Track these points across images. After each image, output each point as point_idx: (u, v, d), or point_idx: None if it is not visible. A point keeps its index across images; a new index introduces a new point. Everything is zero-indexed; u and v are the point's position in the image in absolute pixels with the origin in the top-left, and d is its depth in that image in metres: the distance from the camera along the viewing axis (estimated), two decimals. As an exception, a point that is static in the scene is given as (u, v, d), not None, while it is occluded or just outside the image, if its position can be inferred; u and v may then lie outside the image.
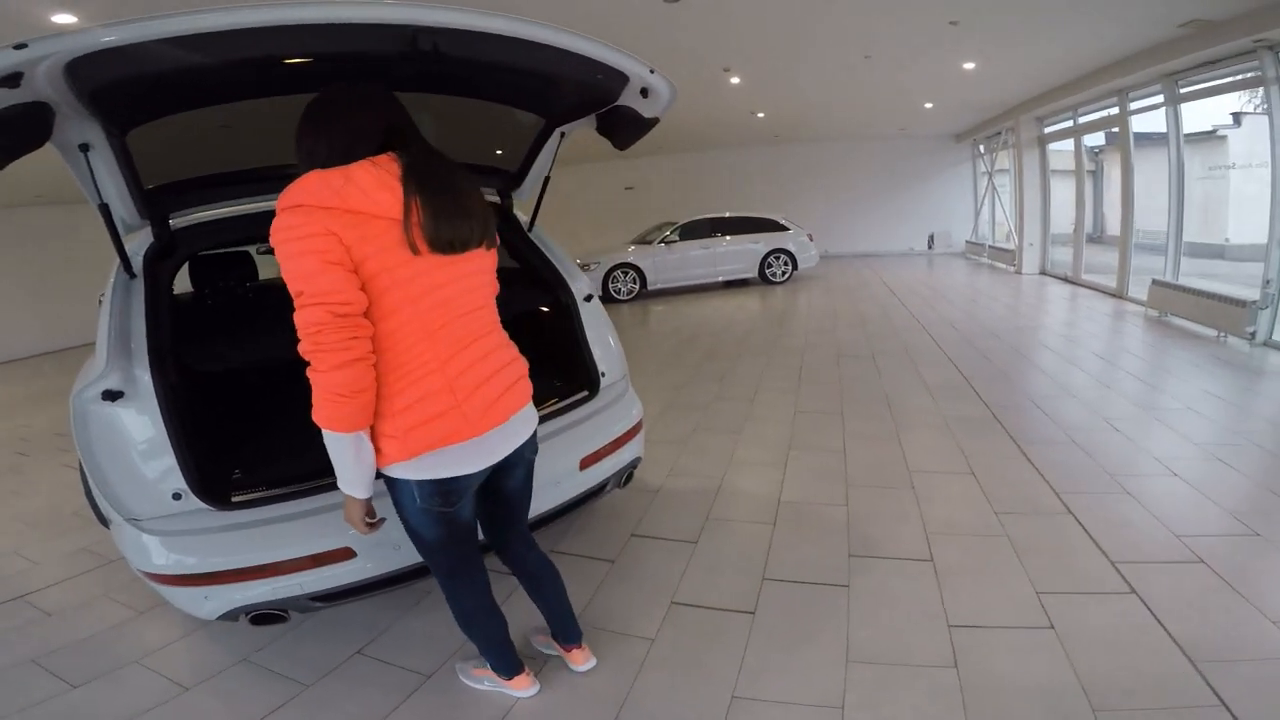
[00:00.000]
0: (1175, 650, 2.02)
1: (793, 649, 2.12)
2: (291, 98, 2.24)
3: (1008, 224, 13.35)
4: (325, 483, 2.05)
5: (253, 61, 1.73)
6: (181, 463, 1.93)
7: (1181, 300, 7.00)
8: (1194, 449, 3.65)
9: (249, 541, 1.94)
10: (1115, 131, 9.27)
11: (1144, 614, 2.22)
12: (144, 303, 2.10)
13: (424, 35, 1.72)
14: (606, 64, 2.05)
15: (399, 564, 2.05)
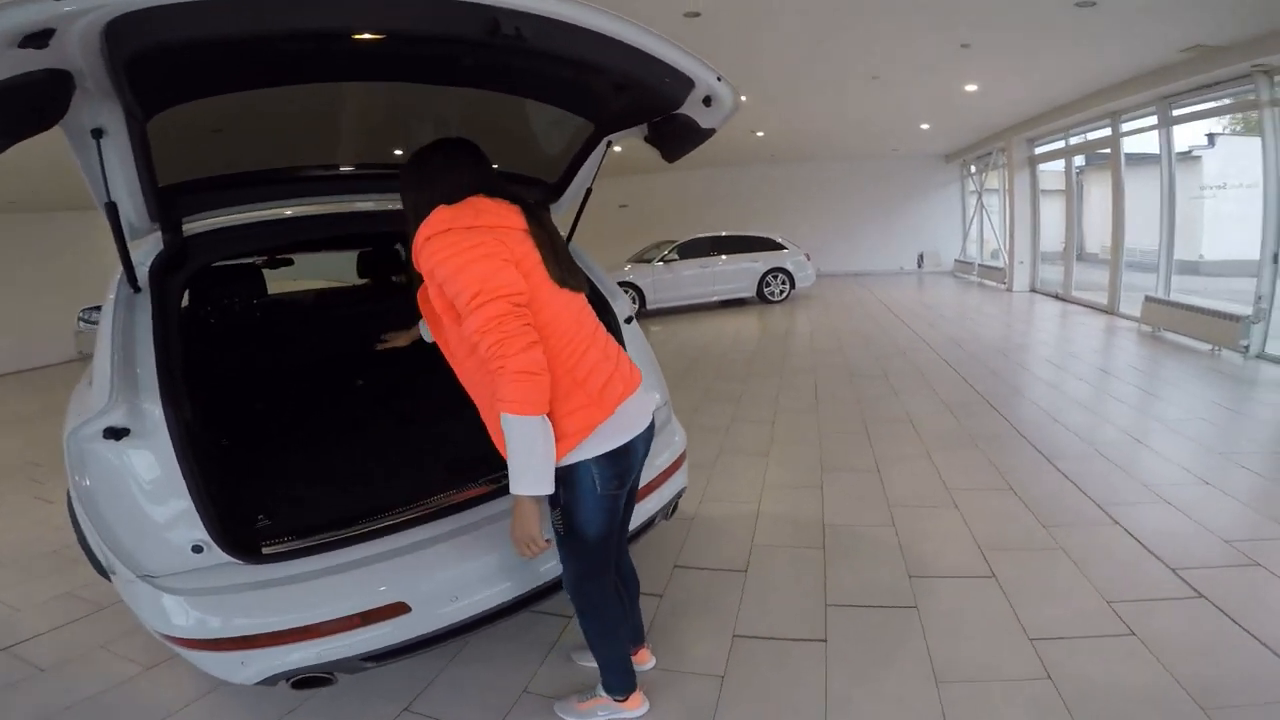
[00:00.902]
0: (1262, 648, 2.05)
1: (876, 675, 2.09)
2: (332, 92, 2.14)
3: (996, 242, 13.56)
4: (368, 529, 1.91)
5: (317, 34, 1.49)
6: (202, 511, 1.69)
7: (1175, 316, 7.15)
8: (1216, 456, 3.77)
9: (290, 599, 1.72)
10: (1097, 153, 9.48)
11: (1215, 614, 2.26)
12: (151, 322, 1.83)
13: (507, 19, 1.52)
14: (677, 67, 1.89)
15: (456, 618, 1.86)
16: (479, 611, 1.90)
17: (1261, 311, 6.15)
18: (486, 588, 1.92)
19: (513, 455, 1.50)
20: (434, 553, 1.90)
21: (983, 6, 5.19)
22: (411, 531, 1.95)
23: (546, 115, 2.43)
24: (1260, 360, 6.04)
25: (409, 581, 1.82)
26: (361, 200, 2.65)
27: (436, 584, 1.85)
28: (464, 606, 1.86)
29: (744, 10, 5.33)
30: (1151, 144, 8.21)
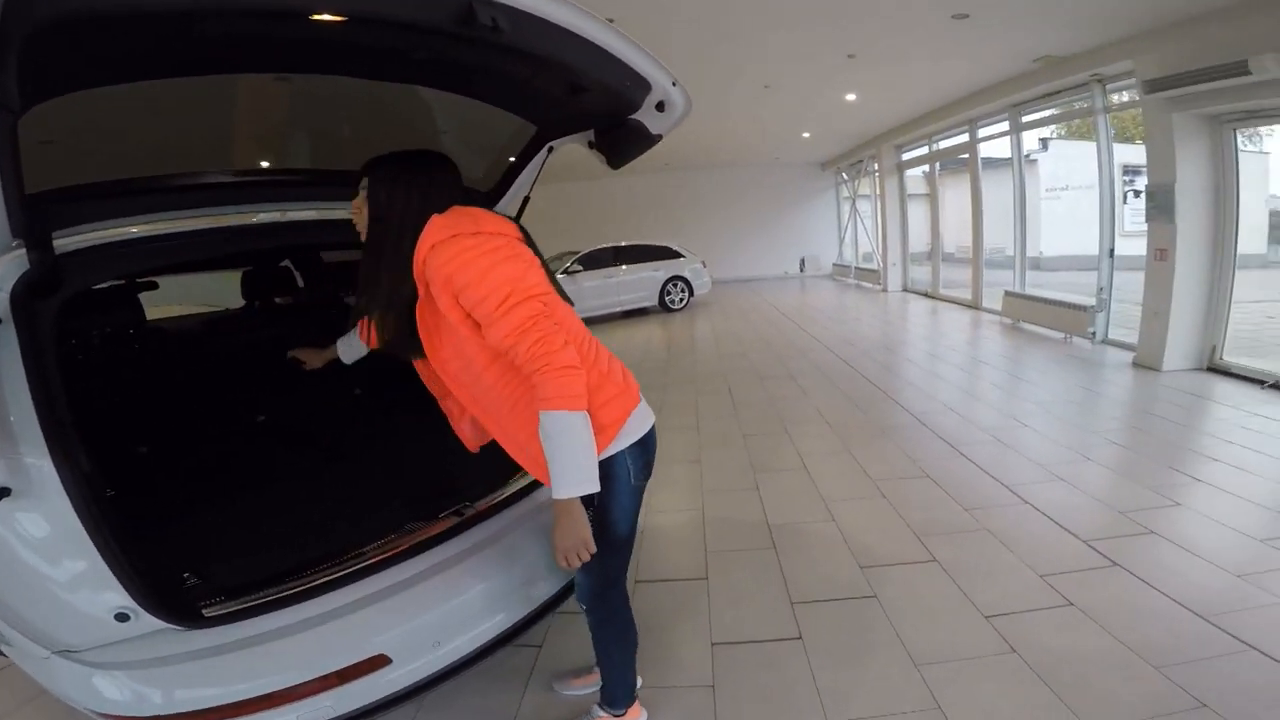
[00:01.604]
0: (1180, 609, 2.32)
1: (859, 665, 2.18)
2: (237, 88, 1.87)
3: (870, 246, 14.43)
4: (329, 577, 1.72)
5: (262, 10, 1.27)
6: (118, 574, 1.43)
7: (1032, 308, 7.93)
8: (1089, 434, 4.26)
9: (251, 663, 1.52)
10: (956, 159, 10.27)
11: (1134, 580, 2.53)
12: (21, 359, 1.50)
13: (483, 7, 1.36)
14: (638, 70, 1.78)
15: (439, 665, 1.73)
16: (465, 654, 1.78)
17: (1103, 301, 6.94)
18: (471, 628, 1.80)
19: (558, 457, 1.41)
20: (410, 596, 1.74)
21: (871, 17, 5.48)
22: (384, 574, 1.78)
23: (482, 119, 2.21)
24: (1105, 345, 6.84)
25: (386, 630, 1.67)
26: (267, 210, 2.32)
27: (416, 630, 1.71)
28: (449, 651, 1.74)
29: (642, 18, 5.36)
30: (998, 149, 9.00)
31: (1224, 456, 3.73)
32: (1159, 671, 2.00)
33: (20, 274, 1.60)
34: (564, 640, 2.41)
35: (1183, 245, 5.67)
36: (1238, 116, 5.39)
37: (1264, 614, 2.25)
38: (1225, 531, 2.86)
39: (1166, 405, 4.80)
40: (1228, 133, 5.53)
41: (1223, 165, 5.60)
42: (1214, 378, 5.48)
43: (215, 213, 2.15)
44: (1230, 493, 3.24)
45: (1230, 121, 5.47)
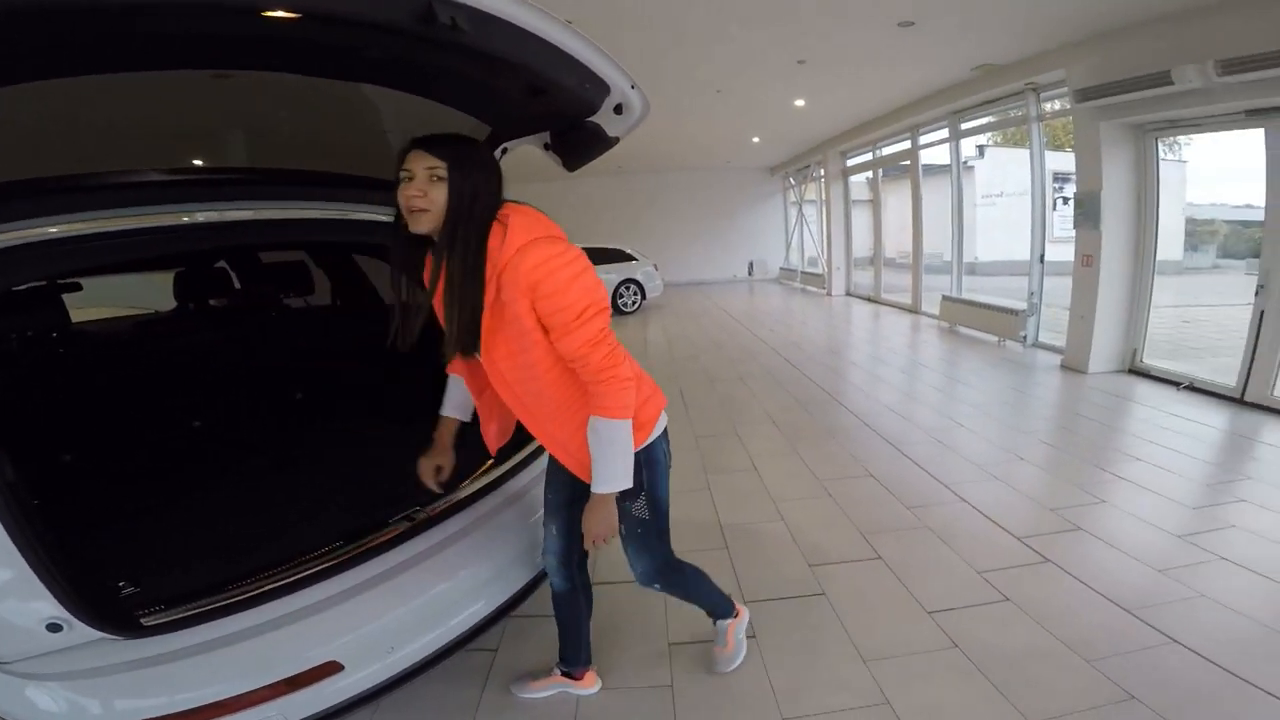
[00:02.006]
0: (1108, 604, 2.44)
1: (810, 663, 2.23)
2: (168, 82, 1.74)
3: (815, 250, 14.70)
4: (275, 585, 1.67)
5: (215, 6, 1.21)
6: (49, 584, 1.37)
7: (967, 312, 8.22)
8: (1021, 434, 4.46)
9: (196, 672, 1.48)
10: (899, 165, 10.53)
11: (1064, 576, 2.65)
12: None
13: (443, 7, 1.32)
14: (598, 72, 1.76)
15: (393, 671, 1.72)
16: (419, 659, 1.77)
17: (1034, 306, 7.23)
18: (425, 632, 1.79)
19: (607, 458, 1.52)
20: (362, 601, 1.71)
21: (820, 23, 5.57)
22: (333, 580, 1.74)
23: (431, 118, 2.05)
24: (1036, 348, 7.14)
25: (338, 636, 1.64)
26: (203, 210, 2.18)
27: (368, 635, 1.69)
28: (402, 656, 1.72)
29: (596, 23, 5.36)
30: (938, 156, 9.27)
31: (1145, 455, 3.94)
32: (1090, 665, 2.11)
33: None
34: (520, 643, 2.39)
35: (1107, 251, 5.93)
36: (1160, 126, 5.65)
37: (1183, 608, 2.39)
38: (1147, 528, 3.03)
39: (1092, 406, 5.04)
40: (1150, 141, 5.81)
41: (1145, 173, 5.87)
42: (1135, 379, 5.79)
43: (147, 212, 2.03)
44: (1151, 490, 3.43)
45: (1153, 130, 5.74)
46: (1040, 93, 7.00)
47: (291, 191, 2.37)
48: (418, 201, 1.40)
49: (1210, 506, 3.22)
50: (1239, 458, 4.00)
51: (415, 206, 1.40)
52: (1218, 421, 4.59)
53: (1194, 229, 14.91)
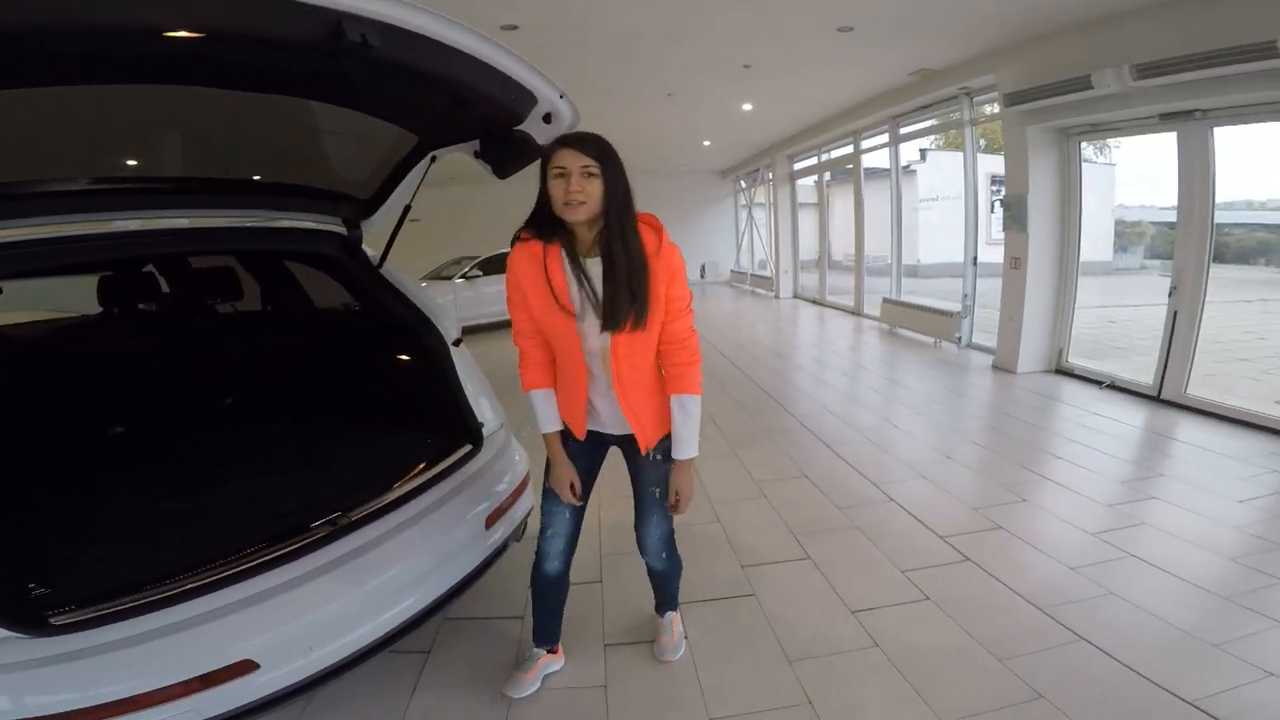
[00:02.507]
0: (1022, 602, 2.53)
1: (738, 662, 2.27)
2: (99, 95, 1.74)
3: (765, 253, 14.89)
4: (191, 585, 1.69)
5: (123, 28, 1.24)
6: None
7: (906, 314, 8.44)
8: (952, 434, 4.62)
9: (106, 669, 1.50)
10: (845, 169, 10.74)
11: (982, 575, 2.74)
12: None
13: (352, 24, 1.36)
14: (523, 83, 1.82)
15: (313, 669, 1.73)
16: (338, 660, 1.78)
17: (967, 308, 7.46)
18: (345, 633, 1.80)
19: (691, 429, 1.84)
20: (279, 603, 1.72)
21: (764, 29, 5.65)
22: (249, 583, 1.74)
23: (360, 126, 2.17)
24: (970, 349, 7.36)
25: (254, 636, 1.65)
26: (134, 218, 2.18)
27: (286, 636, 1.70)
28: (321, 656, 1.73)
29: (556, 28, 5.41)
30: (882, 160, 9.46)
31: (1066, 454, 4.12)
32: (1002, 664, 2.18)
33: None
34: (453, 644, 2.40)
35: (1033, 254, 6.13)
36: (1083, 129, 5.87)
37: (1092, 605, 2.49)
38: (1063, 526, 3.16)
39: (1019, 406, 5.24)
40: (1074, 145, 6.03)
41: (1069, 176, 6.08)
42: (1061, 379, 6.03)
43: (81, 218, 2.02)
44: (1070, 488, 3.58)
45: (1077, 134, 5.96)
46: (974, 97, 7.18)
47: (222, 200, 2.37)
48: (578, 195, 1.60)
49: (1124, 504, 3.37)
50: (1153, 455, 4.22)
51: (576, 199, 1.60)
52: (1135, 420, 4.81)
53: (1123, 230, 15.52)
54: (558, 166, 1.62)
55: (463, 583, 2.15)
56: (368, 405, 2.97)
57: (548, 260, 1.70)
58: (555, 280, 1.70)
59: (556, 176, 1.62)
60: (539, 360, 1.87)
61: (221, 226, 2.36)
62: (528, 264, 1.73)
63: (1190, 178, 4.95)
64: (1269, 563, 2.72)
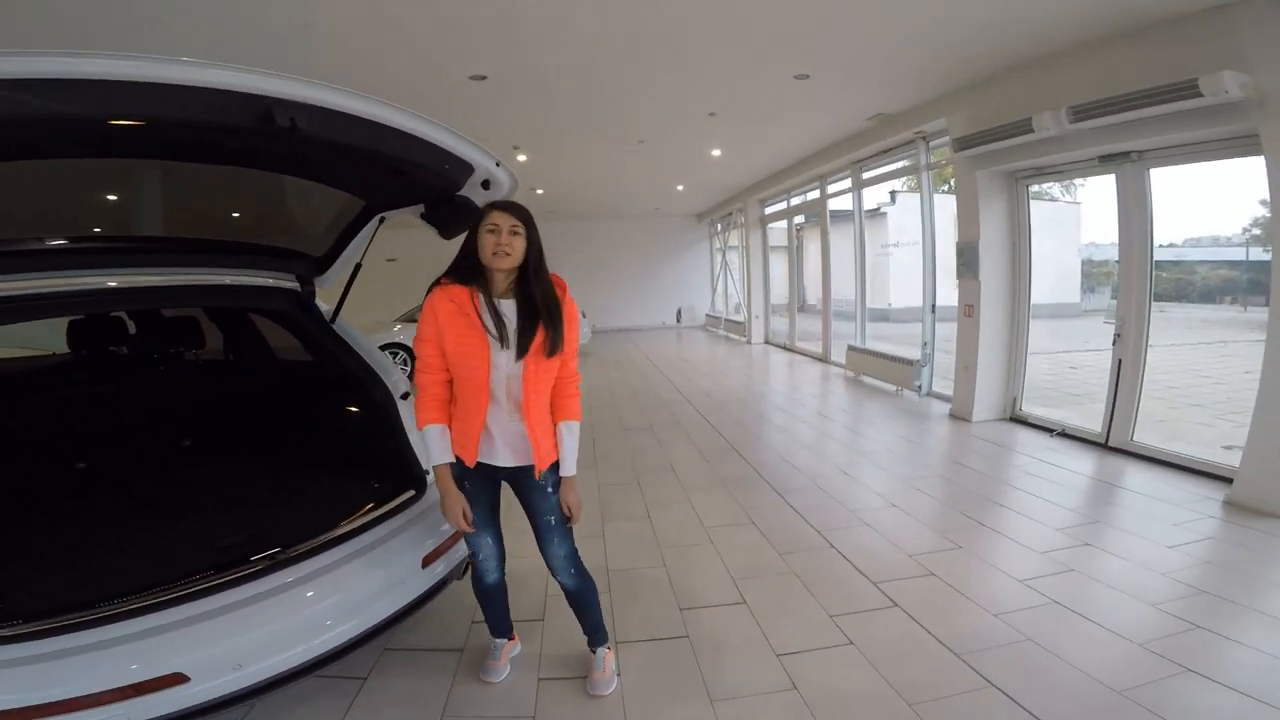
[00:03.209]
0: (941, 648, 2.65)
1: (663, 700, 2.37)
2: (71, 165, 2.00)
3: (738, 297, 15.18)
4: (136, 606, 1.87)
5: (88, 119, 1.46)
6: None
7: (869, 362, 8.65)
8: (900, 482, 4.75)
9: (48, 675, 1.68)
10: (815, 213, 11.03)
11: (907, 620, 2.87)
12: None
13: (281, 109, 1.58)
14: (457, 154, 2.07)
15: (238, 685, 1.89)
16: (264, 678, 1.93)
17: (927, 356, 7.66)
18: (272, 654, 1.96)
19: (574, 450, 2.16)
20: (213, 625, 1.91)
21: (726, 77, 5.92)
22: (186, 606, 1.93)
23: (311, 191, 2.40)
24: (930, 397, 7.56)
25: (186, 653, 1.82)
26: (106, 275, 2.41)
27: (217, 654, 1.87)
28: (248, 674, 1.88)
29: (525, 76, 5.70)
30: (850, 204, 9.65)
31: (1008, 502, 4.29)
32: (911, 708, 2.29)
33: None
34: (389, 672, 2.55)
35: (986, 301, 6.29)
36: (1029, 173, 6.05)
37: (1009, 651, 2.60)
38: (994, 573, 3.31)
39: (970, 454, 5.42)
40: (1022, 189, 6.21)
41: (1018, 221, 6.25)
42: (1015, 427, 6.22)
43: (58, 276, 2.25)
44: (1006, 535, 3.75)
45: (1024, 178, 6.14)
46: (929, 141, 7.40)
47: (187, 258, 2.59)
48: (505, 248, 1.94)
49: (1056, 550, 3.51)
50: (1093, 502, 4.37)
51: (504, 251, 1.94)
52: (1081, 467, 4.99)
53: (1091, 270, 15.75)
54: (491, 224, 1.96)
55: (395, 615, 2.30)
56: (319, 451, 3.11)
57: (470, 300, 1.99)
58: (474, 316, 1.99)
59: (488, 232, 1.96)
60: (438, 396, 2.09)
61: (184, 284, 2.57)
62: (446, 304, 2.01)
63: (1129, 220, 5.08)
64: (1189, 609, 2.85)
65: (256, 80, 1.54)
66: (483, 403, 2.04)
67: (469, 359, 2.00)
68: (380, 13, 4.19)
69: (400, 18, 4.29)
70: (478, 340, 1.99)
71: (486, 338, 1.98)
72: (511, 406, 2.06)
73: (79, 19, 3.96)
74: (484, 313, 1.99)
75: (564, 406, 2.16)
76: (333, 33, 4.48)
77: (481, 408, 2.04)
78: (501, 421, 2.08)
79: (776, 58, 5.44)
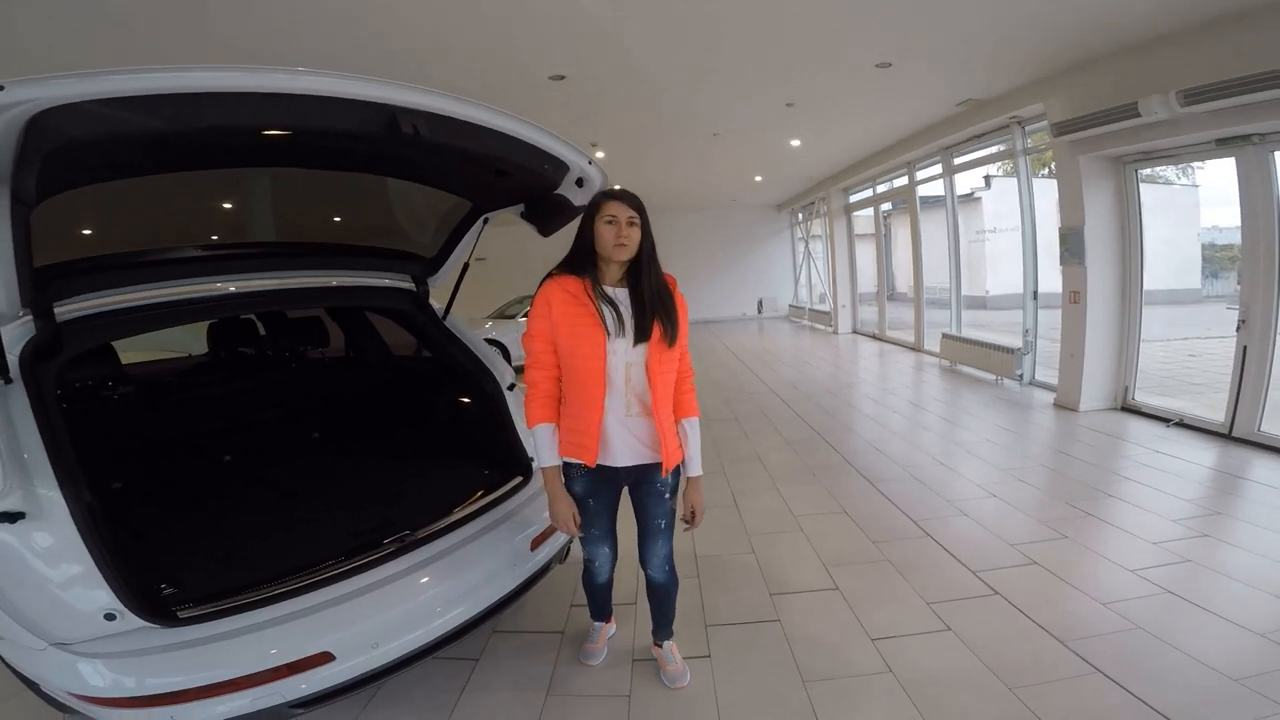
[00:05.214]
0: (1044, 634, 2.63)
1: (755, 681, 2.46)
2: (215, 177, 2.28)
3: (822, 287, 14.97)
4: (286, 588, 2.05)
5: (229, 129, 1.60)
6: (111, 582, 1.75)
7: (966, 350, 8.38)
8: (1000, 472, 4.62)
9: (215, 656, 1.84)
10: (902, 200, 10.79)
11: (1008, 608, 2.85)
12: (31, 411, 1.84)
13: (405, 117, 1.72)
14: (555, 154, 2.15)
15: (378, 663, 2.05)
16: (397, 656, 2.10)
17: (1029, 344, 7.39)
18: (405, 633, 2.12)
19: (697, 448, 2.18)
20: (353, 606, 2.07)
21: (803, 68, 5.93)
22: (329, 589, 2.10)
23: (423, 196, 2.62)
24: (1032, 387, 7.31)
25: (331, 633, 1.99)
26: (238, 280, 2.69)
27: (358, 634, 2.02)
28: (384, 652, 2.05)
29: (602, 75, 5.89)
30: (941, 190, 9.43)
31: (1117, 492, 4.13)
32: (1011, 692, 2.30)
33: (28, 339, 1.99)
34: (499, 654, 2.72)
35: (1093, 287, 6.08)
36: (1136, 157, 5.80)
37: (1116, 640, 2.56)
38: (1101, 562, 3.22)
39: (1076, 444, 5.22)
40: (1131, 173, 5.95)
41: (1127, 206, 6.01)
42: (1126, 417, 5.96)
43: (194, 283, 2.53)
44: (1115, 525, 3.63)
45: (1132, 163, 5.89)
46: (1025, 126, 7.19)
47: (313, 262, 2.88)
48: (624, 240, 1.99)
49: (1171, 541, 3.39)
50: (1213, 493, 4.15)
51: (624, 243, 1.99)
52: (1200, 458, 4.74)
53: (1213, 255, 14.57)
54: (608, 214, 2.00)
55: (508, 597, 2.45)
56: (433, 440, 3.38)
57: (584, 289, 2.02)
58: (589, 304, 2.01)
59: (606, 223, 2.00)
60: (549, 393, 2.09)
61: (310, 286, 2.86)
62: (560, 293, 2.03)
63: (1253, 205, 4.86)
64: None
65: (381, 90, 1.69)
66: (599, 394, 2.00)
67: (584, 345, 1.98)
68: (476, 13, 4.46)
69: (491, 19, 4.58)
70: (593, 327, 1.97)
71: (601, 324, 1.97)
72: (633, 399, 2.04)
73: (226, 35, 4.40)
74: (598, 300, 2.00)
75: (684, 402, 2.15)
76: (437, 40, 4.88)
77: (599, 400, 2.01)
78: (620, 417, 2.05)
79: (857, 47, 5.42)
